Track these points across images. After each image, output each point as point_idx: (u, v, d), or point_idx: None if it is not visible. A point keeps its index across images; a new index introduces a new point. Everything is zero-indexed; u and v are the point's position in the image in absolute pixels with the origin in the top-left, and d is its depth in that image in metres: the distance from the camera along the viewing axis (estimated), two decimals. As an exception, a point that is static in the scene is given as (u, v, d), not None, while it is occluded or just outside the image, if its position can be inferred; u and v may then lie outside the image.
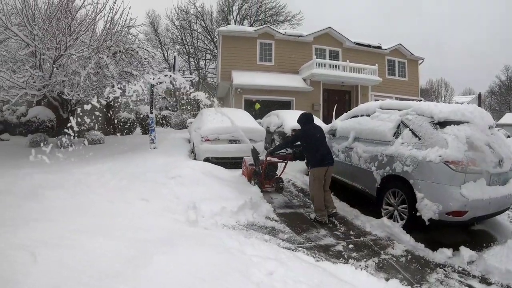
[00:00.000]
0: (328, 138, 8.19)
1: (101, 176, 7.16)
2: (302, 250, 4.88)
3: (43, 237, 3.73)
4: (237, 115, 10.90)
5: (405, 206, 5.58)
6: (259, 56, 22.37)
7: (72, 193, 5.98)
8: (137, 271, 3.19)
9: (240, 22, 40.80)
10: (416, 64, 27.44)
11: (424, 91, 59.26)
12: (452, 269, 4.52)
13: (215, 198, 6.31)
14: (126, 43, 12.89)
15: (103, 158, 9.16)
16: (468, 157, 4.99)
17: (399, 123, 6.10)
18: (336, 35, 23.71)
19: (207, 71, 43.86)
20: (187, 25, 41.16)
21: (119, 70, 12.10)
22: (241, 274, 3.41)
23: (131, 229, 4.52)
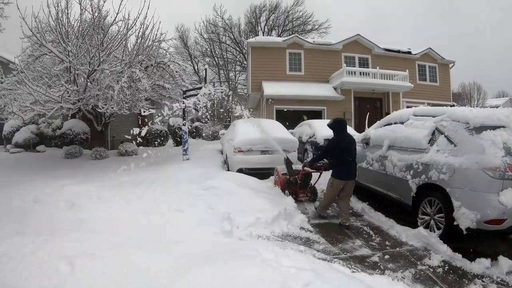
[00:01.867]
0: (361, 147, 8.17)
1: (136, 187, 7.25)
2: (338, 261, 4.83)
3: (83, 248, 3.78)
4: (269, 125, 10.88)
5: (441, 215, 5.44)
6: (289, 66, 22.38)
7: (109, 205, 6.10)
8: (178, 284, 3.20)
9: (268, 33, 41.00)
10: (447, 68, 26.74)
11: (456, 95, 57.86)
12: (490, 279, 4.39)
13: (249, 209, 6.30)
14: (158, 57, 13.14)
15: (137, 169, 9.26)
16: (505, 163, 4.77)
17: (434, 130, 5.97)
18: (365, 42, 23.53)
19: (237, 82, 44.18)
20: (215, 38, 41.71)
21: (152, 84, 12.31)
22: (280, 285, 3.38)
23: (169, 242, 4.56)
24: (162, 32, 12.47)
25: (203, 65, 37.42)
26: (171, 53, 16.84)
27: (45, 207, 5.83)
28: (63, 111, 10.95)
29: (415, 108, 7.13)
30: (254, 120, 13.38)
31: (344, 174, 6.29)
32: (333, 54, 23.00)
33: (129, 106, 11.59)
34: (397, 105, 21.43)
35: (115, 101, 10.64)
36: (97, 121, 13.95)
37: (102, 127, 14.14)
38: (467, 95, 65.51)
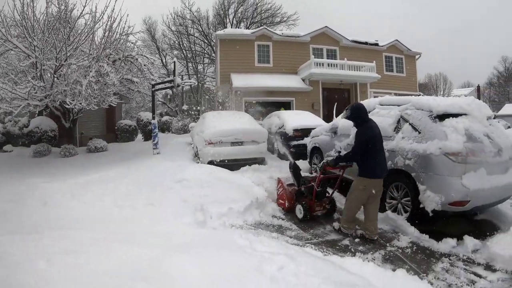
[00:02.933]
0: (329, 137, 8.37)
1: (108, 183, 7.26)
2: (310, 246, 4.98)
3: (62, 245, 3.84)
4: (238, 117, 11.00)
5: (408, 199, 5.68)
6: (258, 58, 22.47)
7: (82, 201, 6.12)
8: (159, 273, 3.32)
9: (237, 25, 40.79)
10: (413, 59, 27.52)
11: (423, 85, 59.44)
12: (457, 258, 4.62)
13: (221, 200, 6.42)
14: (125, 51, 13.01)
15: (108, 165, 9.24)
16: (467, 148, 5.09)
17: (399, 118, 6.22)
18: (333, 34, 23.83)
19: (206, 75, 43.87)
20: (184, 30, 41.11)
21: (120, 78, 12.20)
22: (255, 269, 3.54)
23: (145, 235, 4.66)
24: (130, 25, 12.38)
25: (171, 58, 36.97)
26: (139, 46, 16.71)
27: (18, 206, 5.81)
28: (30, 108, 10.73)
29: (381, 98, 7.39)
30: (224, 112, 13.47)
31: (379, 169, 5.10)
32: (301, 46, 23.24)
33: (98, 101, 11.46)
34: (364, 96, 21.90)
35: (83, 97, 10.50)
36: (65, 117, 13.71)
37: (70, 124, 13.91)
38: (433, 85, 67.29)
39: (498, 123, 6.21)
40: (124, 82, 13.36)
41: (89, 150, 13.70)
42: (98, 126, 18.22)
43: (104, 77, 11.25)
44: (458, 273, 4.23)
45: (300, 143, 11.01)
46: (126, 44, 13.42)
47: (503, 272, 4.23)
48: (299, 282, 3.40)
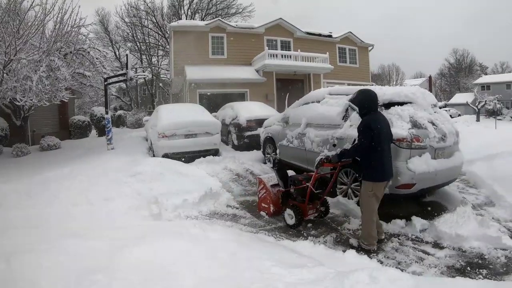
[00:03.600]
0: (281, 126, 8.56)
1: (63, 180, 7.18)
2: (263, 232, 5.16)
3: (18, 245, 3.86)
4: (192, 109, 11.11)
5: (357, 183, 5.83)
6: (212, 50, 22.33)
7: (39, 200, 6.06)
8: (113, 264, 3.45)
9: (192, 17, 40.41)
10: (366, 50, 28.41)
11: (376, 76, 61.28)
12: (406, 237, 4.87)
13: (176, 192, 6.54)
14: (77, 44, 12.70)
15: (62, 162, 9.15)
16: (412, 134, 5.38)
17: (347, 107, 6.36)
18: (287, 25, 24.08)
19: (160, 68, 43.31)
20: (137, 22, 40.32)
21: (71, 72, 11.97)
22: (207, 255, 3.71)
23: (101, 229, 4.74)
24: (82, 17, 11.98)
25: (125, 50, 36.19)
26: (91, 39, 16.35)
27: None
28: (-21, 106, 10.43)
29: (330, 88, 7.66)
30: (177, 105, 13.51)
31: (387, 170, 4.53)
32: (255, 38, 23.33)
33: (49, 97, 11.21)
34: (318, 86, 21.96)
35: (33, 93, 10.22)
36: (15, 115, 13.34)
37: (22, 122, 13.55)
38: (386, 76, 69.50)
39: (442, 110, 6.62)
40: (76, 77, 13.07)
41: (42, 148, 13.39)
42: (50, 123, 17.72)
43: (55, 72, 10.99)
44: (407, 252, 4.47)
45: (254, 134, 11.20)
46: (78, 37, 13.00)
47: (450, 249, 4.50)
48: (251, 266, 3.55)
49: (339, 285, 3.02)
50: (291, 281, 3.23)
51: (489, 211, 5.84)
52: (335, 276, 3.23)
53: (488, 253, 4.34)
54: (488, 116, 37.17)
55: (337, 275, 3.23)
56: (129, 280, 3.22)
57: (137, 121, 20.55)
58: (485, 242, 4.51)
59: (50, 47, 10.71)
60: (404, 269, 4.02)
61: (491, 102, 37.65)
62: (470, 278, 3.79)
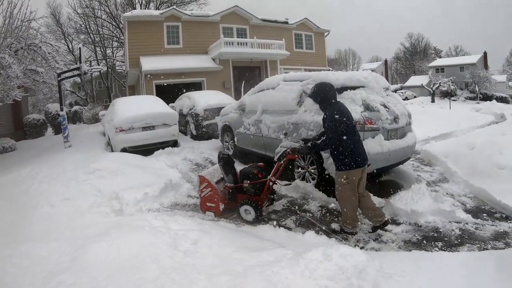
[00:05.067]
0: (238, 114, 8.66)
1: (20, 183, 7.09)
2: (224, 220, 5.27)
3: None
4: (148, 101, 11.07)
5: (314, 167, 6.13)
6: (167, 40, 22.15)
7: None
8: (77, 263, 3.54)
9: (146, 6, 39.40)
10: (322, 36, 28.91)
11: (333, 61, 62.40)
12: (363, 216, 4.86)
13: (136, 186, 6.58)
14: (28, 39, 12.28)
15: (19, 164, 8.96)
16: (364, 117, 5.59)
17: (301, 93, 6.62)
18: (243, 13, 24.13)
19: (115, 60, 42.30)
20: (90, 13, 39.00)
21: (23, 69, 11.61)
22: (169, 245, 3.83)
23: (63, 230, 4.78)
24: (32, 10, 11.55)
25: (78, 43, 35.22)
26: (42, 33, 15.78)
27: None
28: None
29: (285, 74, 7.80)
30: (133, 97, 13.38)
31: (360, 157, 4.45)
32: (211, 26, 23.28)
33: (1, 96, 10.91)
34: (275, 72, 22.07)
35: (-16, 92, 9.98)
36: (-34, 118, 12.89)
37: (-28, 123, 13.12)
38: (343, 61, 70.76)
39: (394, 93, 6.88)
40: (28, 73, 12.67)
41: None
42: (4, 124, 16.97)
43: (6, 70, 10.67)
44: (365, 229, 4.68)
45: (212, 123, 11.33)
46: (29, 31, 12.55)
47: (407, 225, 4.74)
48: (212, 253, 3.70)
49: (295, 265, 3.19)
50: (250, 264, 3.39)
51: (443, 187, 6.18)
52: (292, 256, 3.42)
53: (443, 227, 4.60)
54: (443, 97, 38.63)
55: (294, 255, 3.42)
56: (94, 277, 3.32)
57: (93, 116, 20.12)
58: (440, 217, 4.78)
59: (0, 44, 10.36)
60: (363, 247, 4.22)
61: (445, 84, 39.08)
62: (426, 251, 4.00)
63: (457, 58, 61.31)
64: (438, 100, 36.53)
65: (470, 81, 44.70)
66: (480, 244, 4.11)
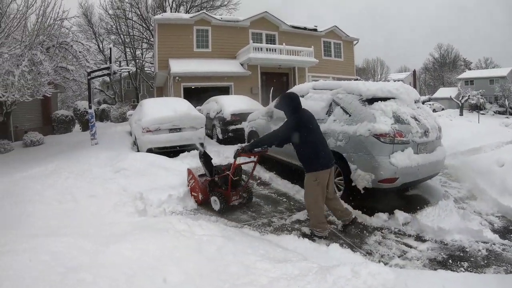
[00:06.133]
0: (266, 120, 8.54)
1: (46, 177, 7.10)
2: (248, 227, 5.21)
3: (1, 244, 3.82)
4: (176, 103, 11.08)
5: (341, 178, 6.01)
6: (196, 43, 22.25)
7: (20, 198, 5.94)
8: (97, 262, 3.44)
9: (176, 9, 40.04)
10: (351, 44, 28.60)
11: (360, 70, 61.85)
12: (388, 231, 4.96)
13: (161, 187, 6.53)
14: (60, 37, 12.49)
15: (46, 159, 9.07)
16: (395, 129, 5.44)
17: (331, 102, 6.50)
18: (272, 19, 24.04)
19: (144, 61, 42.93)
20: (121, 14, 39.78)
21: (54, 66, 11.81)
22: (194, 251, 3.73)
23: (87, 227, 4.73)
24: (65, 10, 11.76)
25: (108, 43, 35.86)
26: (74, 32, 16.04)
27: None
28: (-41, 101, 10.23)
29: (314, 82, 7.64)
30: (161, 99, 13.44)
31: (327, 158, 4.76)
32: (240, 31, 23.28)
33: (32, 92, 11.07)
34: (303, 80, 22.13)
35: (16, 88, 10.08)
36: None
37: (4, 117, 13.30)
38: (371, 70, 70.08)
39: (429, 106, 6.72)
40: (58, 71, 12.89)
41: (25, 145, 13.20)
42: (33, 118, 17.39)
43: (38, 66, 10.84)
44: (390, 245, 4.57)
45: (238, 128, 11.22)
46: (61, 30, 12.76)
47: (432, 242, 4.61)
48: (236, 260, 3.59)
49: (322, 280, 3.07)
50: (275, 276, 3.28)
51: (471, 204, 5.94)
52: (318, 270, 3.28)
53: (469, 246, 4.43)
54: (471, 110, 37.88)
55: (320, 270, 3.29)
56: (114, 278, 3.21)
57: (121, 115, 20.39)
58: (466, 235, 4.61)
59: (33, 41, 10.51)
60: (387, 262, 4.09)
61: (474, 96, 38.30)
62: (451, 270, 3.86)
63: (487, 70, 60.24)
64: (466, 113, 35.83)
65: (500, 95, 43.76)
66: (506, 267, 3.97)
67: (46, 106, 18.12)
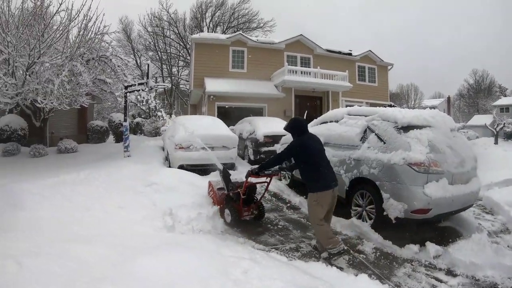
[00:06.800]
0: None
1: (77, 185, 7.18)
2: (276, 251, 5.11)
3: (29, 247, 3.83)
4: (210, 122, 11.11)
5: (372, 206, 5.86)
6: (232, 63, 22.49)
7: (51, 203, 5.99)
8: (122, 274, 3.39)
9: (213, 29, 40.92)
10: (385, 69, 28.28)
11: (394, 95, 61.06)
12: (419, 263, 4.80)
13: (190, 204, 6.54)
14: (100, 51, 12.84)
15: (78, 166, 9.20)
16: (430, 158, 5.29)
17: (366, 128, 6.41)
18: (307, 42, 24.13)
19: (180, 78, 43.68)
20: (160, 32, 40.85)
21: (93, 78, 12.09)
22: (220, 272, 3.63)
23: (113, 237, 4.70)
24: (106, 25, 12.13)
25: (146, 59, 36.62)
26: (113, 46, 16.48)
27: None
28: (0, 105, 10.53)
29: (349, 108, 7.57)
30: (195, 116, 13.56)
31: (328, 180, 4.90)
32: (276, 53, 23.43)
33: (69, 101, 11.33)
34: (336, 104, 22.20)
35: (55, 96, 10.31)
36: (35, 116, 13.40)
37: (41, 123, 13.63)
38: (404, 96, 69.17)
39: (463, 135, 6.52)
40: (97, 83, 13.21)
41: (60, 151, 13.47)
42: (69, 126, 17.87)
43: (77, 77, 11.12)
44: (419, 278, 4.40)
45: (271, 150, 11.16)
46: (101, 44, 13.18)
47: (464, 277, 4.42)
48: (262, 285, 3.52)
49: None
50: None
51: (505, 238, 5.77)
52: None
53: (502, 283, 4.26)
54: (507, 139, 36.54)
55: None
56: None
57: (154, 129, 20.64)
58: (499, 271, 4.43)
59: (73, 53, 10.81)
60: None
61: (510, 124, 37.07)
62: None
63: (523, 97, 58.25)
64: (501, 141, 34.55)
65: (536, 123, 42.10)
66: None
67: (83, 115, 18.55)
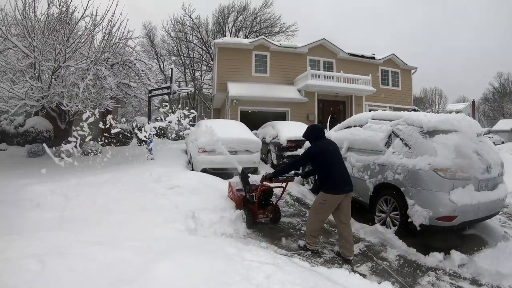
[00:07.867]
0: None
1: (101, 186, 7.26)
2: (298, 256, 5.03)
3: (52, 247, 3.83)
4: (233, 126, 11.06)
5: (397, 212, 5.74)
6: (255, 68, 22.53)
7: (74, 203, 6.09)
8: (144, 277, 3.32)
9: (236, 34, 41.08)
10: (409, 73, 27.77)
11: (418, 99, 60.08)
12: (443, 272, 4.69)
13: (212, 208, 6.49)
14: (124, 55, 13.00)
15: (102, 168, 9.26)
16: (456, 164, 5.16)
17: (390, 133, 6.30)
18: (330, 46, 23.99)
19: (203, 82, 43.94)
20: (183, 37, 41.21)
21: (117, 82, 12.23)
22: (242, 277, 3.54)
23: (135, 239, 4.64)
24: (130, 30, 12.32)
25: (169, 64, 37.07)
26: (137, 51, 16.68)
27: (8, 207, 5.77)
28: (27, 108, 10.71)
29: (374, 112, 7.46)
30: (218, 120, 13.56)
31: (341, 185, 4.96)
32: (298, 57, 23.36)
33: (94, 104, 11.48)
34: (359, 108, 21.92)
35: (80, 99, 10.49)
36: (60, 119, 13.64)
37: (66, 125, 13.89)
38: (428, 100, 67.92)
39: (487, 140, 6.33)
40: (121, 87, 13.39)
41: (84, 153, 13.67)
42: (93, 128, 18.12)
43: (102, 81, 11.27)
44: (443, 287, 4.31)
45: (294, 154, 11.04)
46: (125, 49, 13.38)
47: (488, 287, 4.31)
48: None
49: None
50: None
51: None
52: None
53: None
54: (532, 144, 35.55)
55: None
56: (159, 296, 3.10)
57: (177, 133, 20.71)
58: None
59: (98, 57, 10.96)
60: None
61: (536, 129, 36.20)
62: None
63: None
64: (527, 147, 33.61)
65: None
66: None
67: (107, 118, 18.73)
